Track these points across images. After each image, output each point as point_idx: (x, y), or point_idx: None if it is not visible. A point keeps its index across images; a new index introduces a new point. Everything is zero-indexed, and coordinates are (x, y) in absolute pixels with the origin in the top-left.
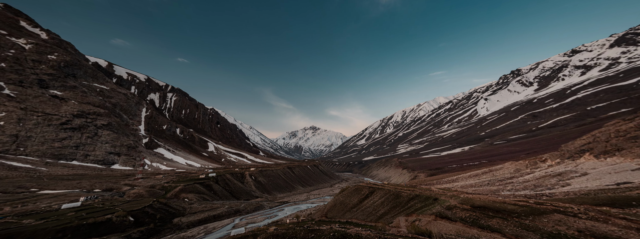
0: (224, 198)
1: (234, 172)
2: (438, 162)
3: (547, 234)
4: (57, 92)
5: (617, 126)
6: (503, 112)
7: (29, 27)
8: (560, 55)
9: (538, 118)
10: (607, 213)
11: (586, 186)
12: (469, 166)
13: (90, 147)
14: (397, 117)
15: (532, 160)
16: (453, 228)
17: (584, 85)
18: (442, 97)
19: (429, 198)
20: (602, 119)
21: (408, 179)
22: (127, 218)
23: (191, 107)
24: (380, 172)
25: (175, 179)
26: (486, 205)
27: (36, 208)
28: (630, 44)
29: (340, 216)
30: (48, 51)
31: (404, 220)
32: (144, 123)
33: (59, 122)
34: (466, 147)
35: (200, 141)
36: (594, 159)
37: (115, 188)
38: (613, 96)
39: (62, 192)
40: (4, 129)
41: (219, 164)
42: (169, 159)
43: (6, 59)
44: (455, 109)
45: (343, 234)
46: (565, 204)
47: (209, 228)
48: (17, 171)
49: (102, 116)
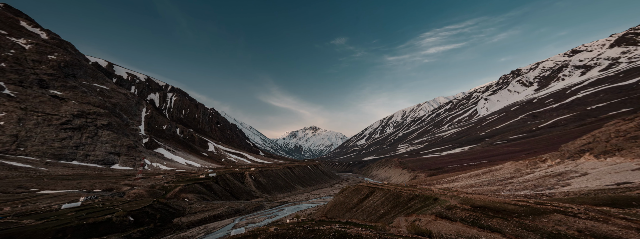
0: (224, 198)
1: (234, 172)
2: (438, 162)
3: (547, 234)
4: (57, 92)
5: (617, 126)
6: (503, 112)
7: (29, 27)
8: (560, 55)
9: (538, 118)
10: (607, 213)
11: (586, 186)
12: (469, 166)
13: (90, 147)
14: (397, 117)
15: (532, 160)
16: (453, 228)
17: (584, 85)
18: (442, 97)
19: (429, 198)
20: (602, 119)
21: (408, 179)
22: (127, 218)
23: (191, 107)
24: (380, 172)
25: (175, 179)
26: (486, 205)
27: (36, 208)
28: (630, 44)
29: (341, 216)
30: (48, 51)
31: (404, 220)
32: (144, 123)
33: (59, 122)
34: (466, 147)
35: (200, 141)
36: (594, 159)
37: (115, 188)
38: (613, 96)
39: (62, 192)
40: (4, 129)
41: (219, 164)
42: (169, 159)
43: (6, 59)
44: (455, 109)
45: (343, 234)
46: (565, 204)
47: (209, 228)
48: (17, 171)
49: (102, 116)
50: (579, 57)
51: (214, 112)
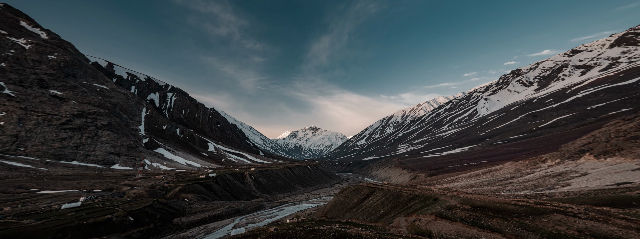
0: (224, 198)
1: (234, 173)
2: (438, 162)
3: (547, 234)
4: (57, 92)
5: (617, 126)
6: (503, 112)
7: (29, 27)
8: (560, 55)
9: (538, 118)
10: (607, 213)
11: (586, 186)
12: (469, 166)
13: (90, 147)
14: (397, 117)
15: (532, 160)
16: (453, 228)
17: (584, 85)
18: (442, 97)
19: (429, 198)
20: (602, 119)
21: (408, 179)
22: (127, 218)
23: (191, 107)
24: (380, 172)
25: (175, 179)
26: (486, 205)
27: (36, 208)
28: (630, 44)
29: (340, 216)
30: (48, 51)
31: (404, 220)
32: (144, 123)
33: (59, 122)
34: (466, 147)
35: (200, 141)
36: (594, 159)
37: (115, 188)
38: (613, 96)
39: (62, 192)
40: (4, 129)
41: (219, 164)
42: (169, 159)
43: (6, 59)
44: (455, 109)
45: (343, 234)
46: (565, 204)
47: (209, 228)
48: (17, 171)
49: (102, 116)
50: (579, 57)
51: (214, 112)
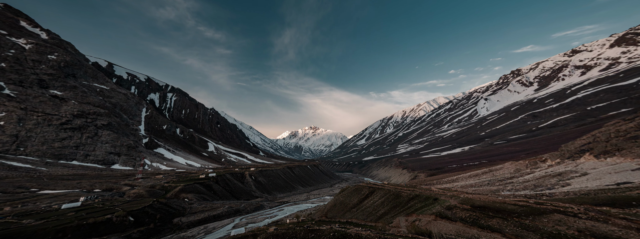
0: (224, 198)
1: (234, 173)
2: (438, 162)
3: (547, 234)
4: (57, 92)
5: (617, 126)
6: (503, 112)
7: (29, 27)
8: (560, 55)
9: (538, 118)
10: (607, 213)
11: (586, 186)
12: (469, 166)
13: (90, 147)
14: (397, 117)
15: (532, 160)
16: (453, 228)
17: (584, 85)
18: (442, 97)
19: (429, 198)
20: (602, 119)
21: (408, 179)
22: (127, 218)
23: (191, 107)
24: (380, 172)
25: (175, 179)
26: (486, 205)
27: (36, 208)
28: (630, 44)
29: (340, 216)
30: (48, 51)
31: (404, 220)
32: (144, 123)
33: (59, 122)
34: (466, 147)
35: (200, 141)
36: (594, 159)
37: (115, 188)
38: (613, 96)
39: (62, 192)
40: (4, 129)
41: (219, 164)
42: (169, 159)
43: (6, 59)
44: (455, 109)
45: (343, 234)
46: (565, 204)
47: (209, 228)
48: (17, 171)
49: (102, 116)
50: (579, 57)
51: (214, 112)
